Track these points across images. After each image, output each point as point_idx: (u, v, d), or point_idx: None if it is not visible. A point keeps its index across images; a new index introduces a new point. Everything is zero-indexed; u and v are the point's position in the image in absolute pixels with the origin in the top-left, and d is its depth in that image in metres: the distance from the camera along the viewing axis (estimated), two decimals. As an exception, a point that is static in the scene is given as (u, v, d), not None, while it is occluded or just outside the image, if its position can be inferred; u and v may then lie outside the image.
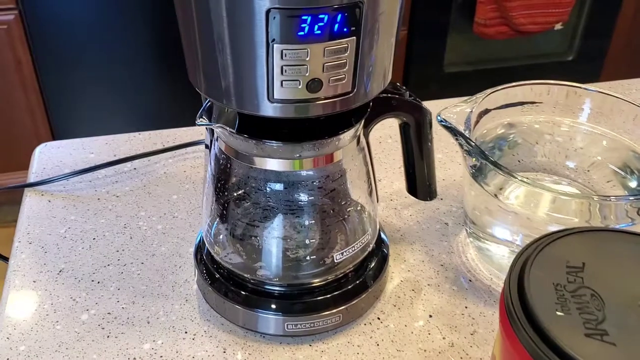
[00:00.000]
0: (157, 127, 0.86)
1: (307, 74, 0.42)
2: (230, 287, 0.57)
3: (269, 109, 0.44)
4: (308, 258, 0.54)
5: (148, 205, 0.72)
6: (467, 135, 0.59)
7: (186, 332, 0.57)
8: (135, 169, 0.79)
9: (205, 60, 0.45)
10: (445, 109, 0.62)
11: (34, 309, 0.59)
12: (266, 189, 0.53)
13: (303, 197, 0.53)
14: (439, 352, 0.56)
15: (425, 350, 0.56)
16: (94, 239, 0.68)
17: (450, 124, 0.60)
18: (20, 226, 0.70)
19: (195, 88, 0.48)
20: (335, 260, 0.55)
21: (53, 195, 0.74)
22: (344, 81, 0.44)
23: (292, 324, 0.55)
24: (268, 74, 0.42)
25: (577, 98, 0.66)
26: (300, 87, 0.43)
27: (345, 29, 0.41)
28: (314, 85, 0.43)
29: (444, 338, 0.57)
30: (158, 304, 0.60)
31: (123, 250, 0.66)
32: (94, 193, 0.74)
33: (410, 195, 0.65)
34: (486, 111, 0.65)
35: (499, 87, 0.65)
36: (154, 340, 0.57)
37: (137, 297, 0.61)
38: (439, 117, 0.61)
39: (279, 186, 0.53)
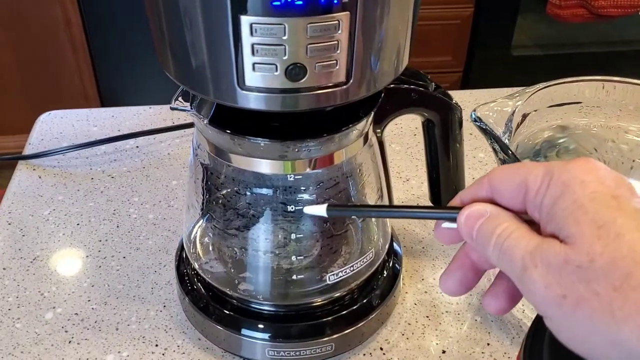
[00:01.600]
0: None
1: (285, 57, 0.33)
2: (210, 301, 0.49)
3: (240, 99, 0.35)
4: (295, 277, 0.46)
5: (143, 190, 0.65)
6: (505, 140, 0.48)
7: (157, 345, 0.50)
8: (137, 147, 0.71)
9: (170, 37, 0.36)
10: (482, 105, 0.51)
11: (-4, 302, 0.53)
12: (248, 193, 0.44)
13: (295, 205, 0.44)
14: (448, 400, 0.47)
15: (431, 395, 0.47)
16: (77, 224, 0.61)
17: (486, 124, 0.49)
18: (4, 204, 0.64)
19: (165, 71, 0.39)
20: (329, 281, 0.46)
21: (45, 170, 0.68)
22: (335, 68, 0.34)
23: (274, 351, 0.47)
24: (236, 54, 0.33)
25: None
26: (277, 73, 0.33)
27: (335, 0, 0.31)
28: (295, 71, 0.33)
29: (456, 381, 0.48)
30: (132, 307, 0.53)
31: (106, 240, 0.59)
32: (88, 171, 0.68)
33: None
34: (534, 110, 0.54)
35: (552, 82, 0.54)
36: (119, 352, 0.49)
37: (110, 297, 0.54)
38: (473, 115, 0.50)
39: (264, 190, 0.44)
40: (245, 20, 0.31)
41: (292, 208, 0.43)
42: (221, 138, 0.41)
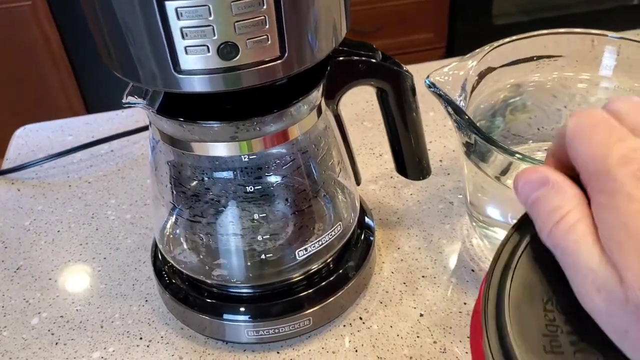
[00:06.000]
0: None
1: (215, 37, 0.34)
2: (189, 291, 0.50)
3: (179, 83, 0.36)
4: (265, 256, 0.46)
5: (119, 192, 0.66)
6: (460, 104, 0.49)
7: (141, 339, 0.51)
8: (112, 150, 0.72)
9: (106, 33, 0.37)
10: (435, 71, 0.52)
11: (-18, 313, 0.54)
12: (207, 178, 0.45)
13: (255, 186, 0.44)
14: (428, 360, 0.47)
15: (411, 358, 0.48)
16: (58, 231, 0.62)
17: (440, 89, 0.50)
18: (-15, 219, 0.65)
19: (110, 68, 0.40)
20: (298, 257, 0.47)
21: (24, 183, 0.69)
22: (267, 43, 0.35)
23: (252, 331, 0.48)
24: (168, 39, 0.34)
25: (603, 48, 0.55)
26: (210, 54, 0.34)
27: (255, -23, 0.32)
28: (227, 50, 0.34)
29: (435, 342, 0.49)
30: (115, 305, 0.54)
31: (87, 243, 0.60)
32: (65, 179, 0.69)
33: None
34: (489, 70, 0.54)
35: (506, 40, 0.54)
36: (104, 348, 0.50)
37: (93, 297, 0.55)
38: (427, 81, 0.51)
39: (224, 174, 0.44)
40: (170, 6, 0.32)
41: (250, 188, 0.44)
42: (172, 127, 0.42)
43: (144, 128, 0.73)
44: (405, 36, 2.07)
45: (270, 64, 0.36)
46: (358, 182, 0.55)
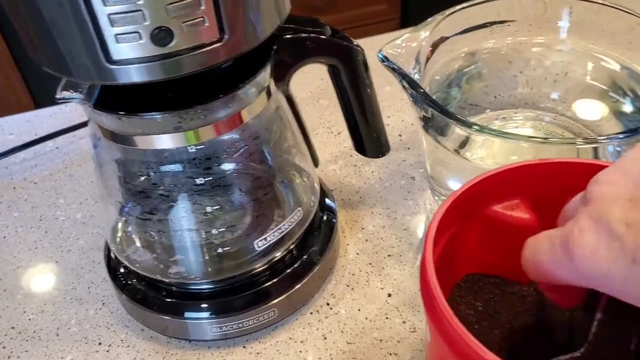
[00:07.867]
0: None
1: (147, 23, 0.31)
2: (147, 292, 0.47)
3: (114, 75, 0.33)
4: (222, 250, 0.44)
5: (68, 191, 0.63)
6: (414, 76, 0.47)
7: (100, 344, 0.48)
8: (57, 147, 0.69)
9: (31, 24, 0.34)
10: (388, 44, 0.50)
11: None
12: (154, 173, 0.42)
13: (205, 177, 0.42)
14: (398, 341, 0.46)
15: (380, 340, 0.46)
16: (4, 237, 0.59)
17: (394, 63, 0.48)
18: None
19: (40, 64, 0.37)
20: (257, 248, 0.45)
21: (-35, 188, 0.65)
22: (205, 25, 0.32)
23: (216, 328, 0.46)
24: (96, 28, 0.31)
25: (556, 11, 0.53)
26: (143, 40, 0.32)
27: (184, -47, 0.30)
28: (161, 35, 0.32)
29: (404, 322, 0.47)
30: (70, 310, 0.51)
31: (36, 248, 0.57)
32: (9, 181, 0.65)
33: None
34: (442, 39, 0.53)
35: (457, 8, 0.53)
36: (62, 357, 0.48)
37: (47, 304, 0.52)
38: (379, 55, 0.49)
39: (173, 167, 0.42)
40: (94, -10, 0.30)
41: (201, 180, 0.42)
42: (112, 121, 0.39)
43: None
44: (357, 8, 2.04)
45: (209, 48, 0.33)
46: (316, 164, 0.53)
